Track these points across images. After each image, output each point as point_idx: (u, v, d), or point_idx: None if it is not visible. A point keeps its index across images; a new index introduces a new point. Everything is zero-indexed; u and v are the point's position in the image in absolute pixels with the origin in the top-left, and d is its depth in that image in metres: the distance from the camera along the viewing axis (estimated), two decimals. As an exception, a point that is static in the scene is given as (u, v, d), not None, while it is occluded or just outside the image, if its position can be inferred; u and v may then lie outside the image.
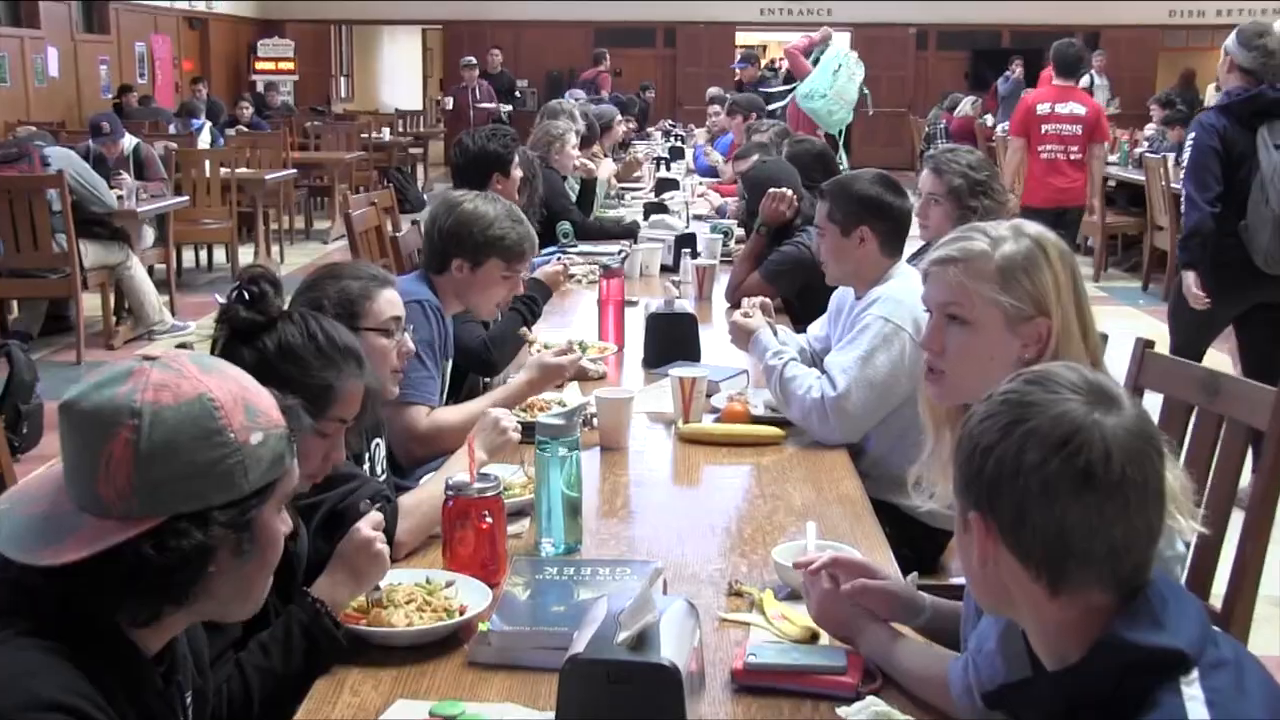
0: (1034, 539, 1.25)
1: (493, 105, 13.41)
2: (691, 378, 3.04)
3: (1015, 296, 1.82)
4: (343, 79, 21.29)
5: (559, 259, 5.07)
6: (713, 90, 12.61)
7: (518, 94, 14.82)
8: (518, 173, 4.51)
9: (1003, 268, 1.83)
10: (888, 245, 3.16)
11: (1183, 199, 4.86)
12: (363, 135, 13.94)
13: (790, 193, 4.53)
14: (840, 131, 8.94)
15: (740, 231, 5.82)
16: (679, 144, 11.48)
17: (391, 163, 14.44)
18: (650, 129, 14.37)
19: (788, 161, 4.90)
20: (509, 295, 3.19)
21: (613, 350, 3.74)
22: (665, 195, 7.46)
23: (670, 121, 15.18)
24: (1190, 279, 4.83)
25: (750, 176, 4.85)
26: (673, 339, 3.65)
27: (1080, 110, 7.55)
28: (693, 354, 3.63)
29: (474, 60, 13.69)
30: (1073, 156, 7.51)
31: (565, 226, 5.75)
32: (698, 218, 6.69)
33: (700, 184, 8.18)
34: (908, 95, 19.71)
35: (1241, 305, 4.87)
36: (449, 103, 15.36)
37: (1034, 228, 1.87)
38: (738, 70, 13.13)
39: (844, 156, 8.58)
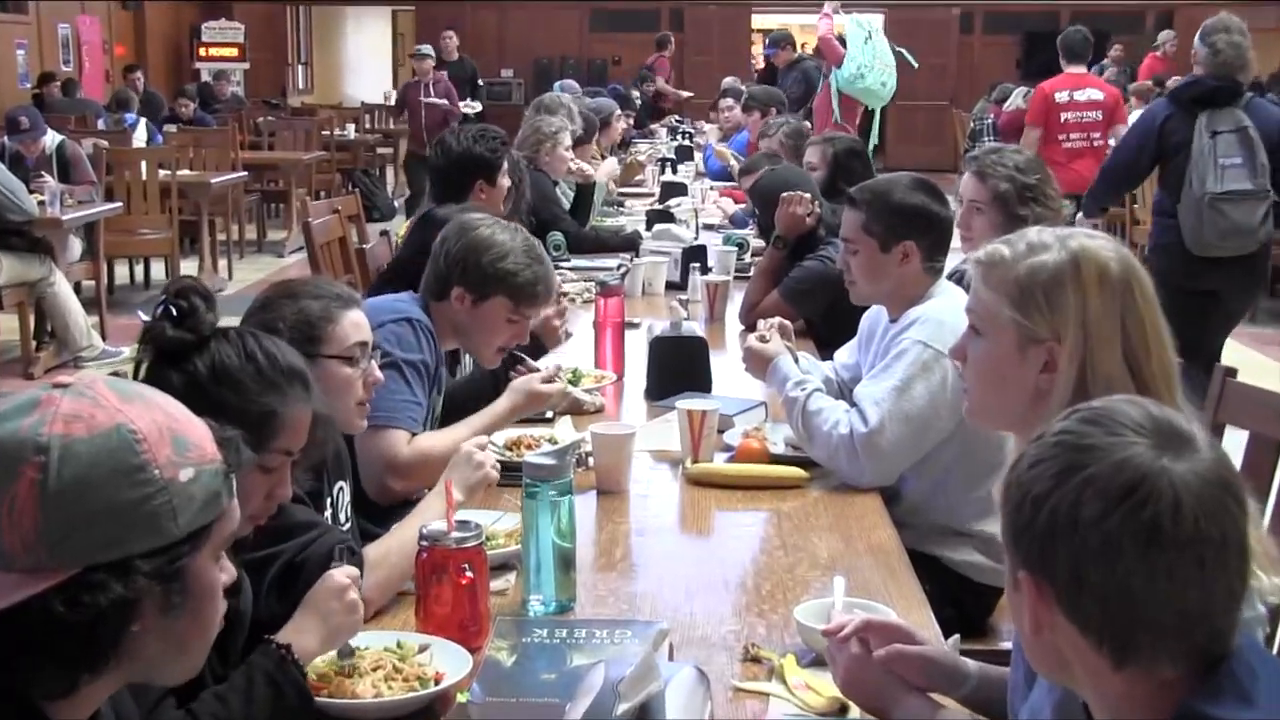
0: (1094, 604, 1.25)
1: (443, 102, 12.80)
2: (701, 411, 3.05)
3: (1026, 314, 1.86)
4: (300, 68, 21.41)
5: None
6: (727, 81, 12.69)
7: (482, 83, 14.18)
8: (505, 181, 4.55)
9: (1022, 280, 1.87)
10: (931, 261, 3.18)
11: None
12: (324, 133, 14.02)
13: (808, 196, 4.56)
14: (875, 112, 9.19)
15: (757, 243, 5.85)
16: (687, 143, 11.53)
17: (357, 164, 14.53)
18: (654, 125, 14.43)
19: (833, 163, 4.96)
20: (511, 343, 3.18)
21: (611, 379, 3.76)
22: (671, 202, 7.51)
23: (676, 118, 15.23)
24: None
25: (759, 188, 4.89)
26: (680, 366, 3.67)
27: (1098, 96, 8.50)
28: (703, 383, 3.65)
29: (428, 50, 13.19)
30: (1095, 143, 8.35)
31: (557, 238, 5.78)
32: (708, 227, 6.72)
33: (711, 188, 8.22)
34: (950, 86, 19.83)
35: (1193, 289, 5.49)
36: (393, 97, 15.18)
37: (1084, 239, 1.89)
38: (766, 57, 13.14)
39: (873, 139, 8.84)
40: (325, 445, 2.09)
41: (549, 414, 3.41)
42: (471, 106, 13.34)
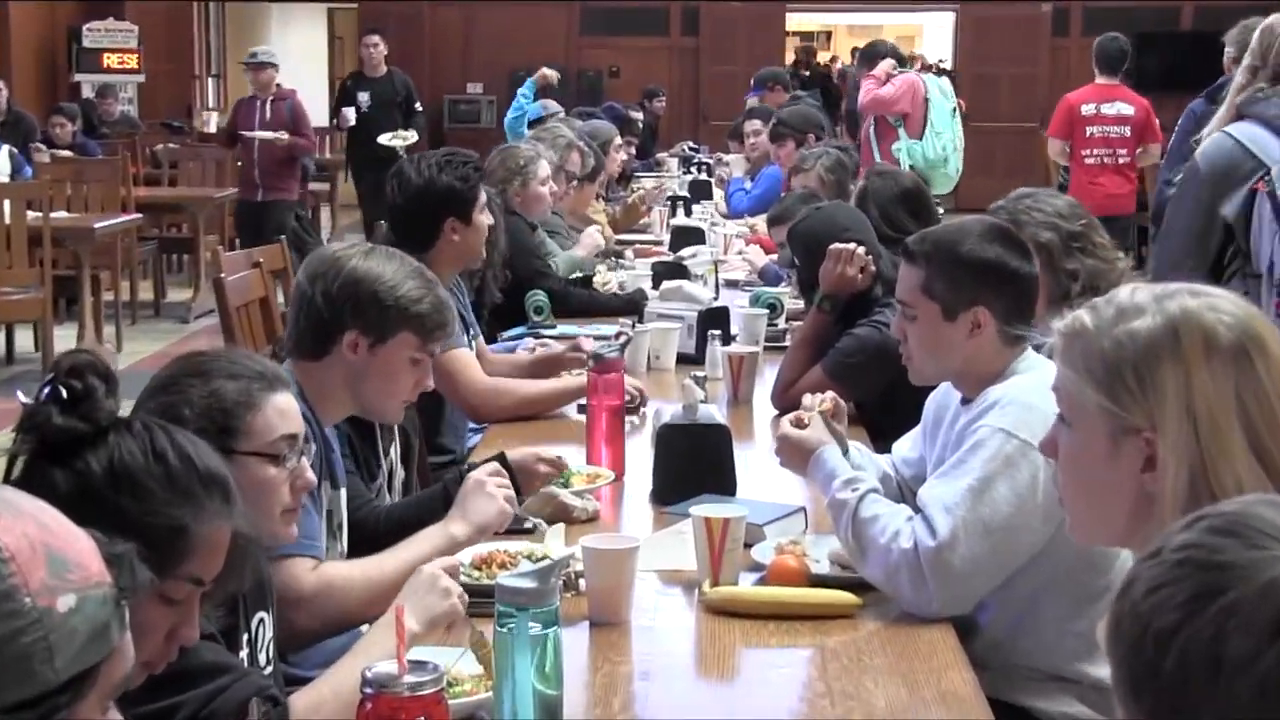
0: None
1: (279, 136, 11.77)
2: (723, 519, 3.06)
3: (1115, 398, 1.88)
4: (211, 80, 21.59)
5: (532, 348, 5.13)
6: (754, 99, 12.74)
7: (419, 107, 13.61)
8: (484, 218, 4.61)
9: (1108, 356, 1.89)
10: (1010, 329, 3.21)
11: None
12: (239, 163, 14.09)
13: (860, 248, 4.59)
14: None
15: (795, 304, 5.89)
16: (704, 177, 11.59)
17: (284, 204, 14.60)
18: (661, 155, 14.52)
19: (855, 206, 4.98)
20: (416, 389, 3.29)
21: (608, 479, 3.78)
22: (684, 252, 7.54)
23: (690, 144, 15.32)
24: None
25: (800, 234, 4.88)
26: (695, 462, 3.69)
27: (1128, 110, 9.64)
28: (725, 484, 3.67)
29: (268, 55, 12.26)
30: (1120, 160, 9.53)
31: (538, 298, 5.81)
32: (731, 284, 6.76)
33: (735, 234, 8.27)
34: (1039, 102, 19.91)
35: None
36: (214, 123, 14.88)
37: (1187, 298, 1.91)
38: (757, 96, 12.19)
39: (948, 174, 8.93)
40: (245, 574, 2.09)
41: (529, 523, 3.43)
42: (402, 137, 12.77)
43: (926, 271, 3.22)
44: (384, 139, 12.72)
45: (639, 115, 14.16)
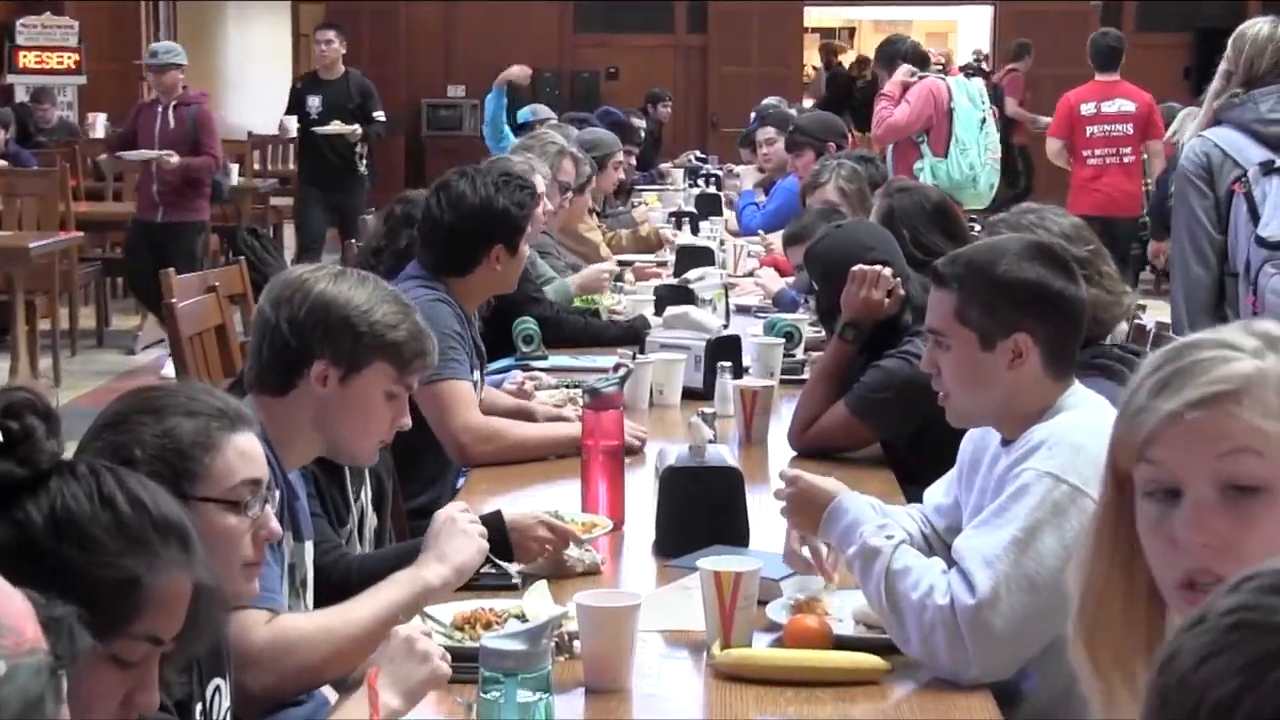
0: None
1: (163, 155, 11.23)
2: (734, 574, 3.06)
3: None
4: (159, 82, 21.62)
5: (521, 383, 5.13)
6: (769, 103, 12.75)
7: (380, 117, 13.06)
8: (526, 250, 4.67)
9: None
10: (1055, 359, 3.22)
11: None
12: (138, 176, 14.07)
13: (887, 270, 4.60)
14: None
15: (814, 333, 5.90)
16: (712, 190, 11.60)
17: (242, 221, 14.58)
18: (664, 166, 14.53)
19: (880, 223, 4.98)
20: (392, 428, 3.30)
21: (606, 528, 3.79)
22: (691, 275, 7.53)
23: (698, 154, 15.35)
24: None
25: (819, 255, 4.89)
26: (704, 509, 3.69)
27: (1129, 106, 10.57)
28: (736, 534, 3.68)
29: (174, 53, 11.74)
30: (1125, 159, 10.35)
31: (527, 326, 5.81)
32: (743, 310, 6.78)
33: (748, 254, 8.28)
34: (1090, 106, 20.03)
35: None
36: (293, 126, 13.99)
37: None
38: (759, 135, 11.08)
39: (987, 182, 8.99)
40: (209, 632, 2.08)
41: (515, 577, 3.44)
42: (343, 128, 12.59)
43: (960, 296, 3.23)
44: (321, 128, 12.60)
45: (640, 122, 14.15)
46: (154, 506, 2.01)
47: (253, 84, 22.50)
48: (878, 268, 4.57)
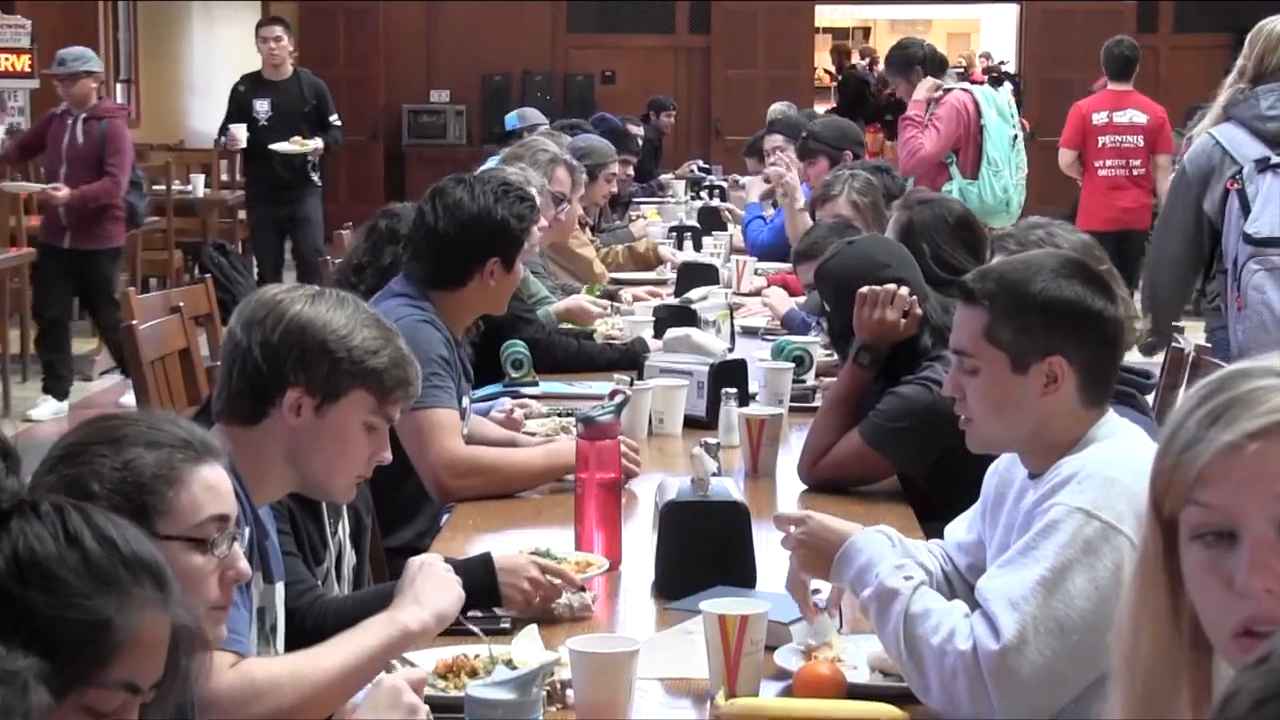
0: None
1: (50, 189, 10.87)
2: (740, 616, 3.07)
3: None
4: (120, 87, 21.64)
5: (510, 411, 5.14)
6: (776, 109, 12.76)
7: (337, 121, 12.74)
8: (521, 268, 4.69)
9: None
10: (1092, 385, 3.21)
11: None
12: (156, 187, 14.14)
13: (903, 290, 4.59)
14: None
15: (826, 357, 5.90)
16: (716, 203, 11.61)
17: (208, 236, 14.60)
18: (664, 177, 14.53)
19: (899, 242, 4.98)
20: (371, 463, 3.29)
21: (601, 568, 3.79)
22: (693, 294, 7.53)
23: (700, 164, 15.34)
24: None
25: (830, 273, 4.88)
26: (707, 548, 3.69)
27: (1141, 118, 11.17)
28: (742, 574, 3.68)
29: (85, 60, 11.26)
30: (1135, 172, 10.97)
31: (516, 350, 5.81)
32: (750, 333, 6.79)
33: (756, 271, 8.28)
34: (1124, 113, 20.06)
35: None
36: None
37: None
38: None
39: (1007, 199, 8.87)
40: (192, 679, 2.06)
41: (504, 620, 3.44)
42: (301, 143, 12.33)
43: (991, 314, 3.22)
44: (279, 146, 12.25)
45: (638, 130, 14.13)
46: (124, 544, 1.99)
47: (219, 88, 22.24)
48: (890, 286, 4.56)
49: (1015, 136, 9.26)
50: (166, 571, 2.02)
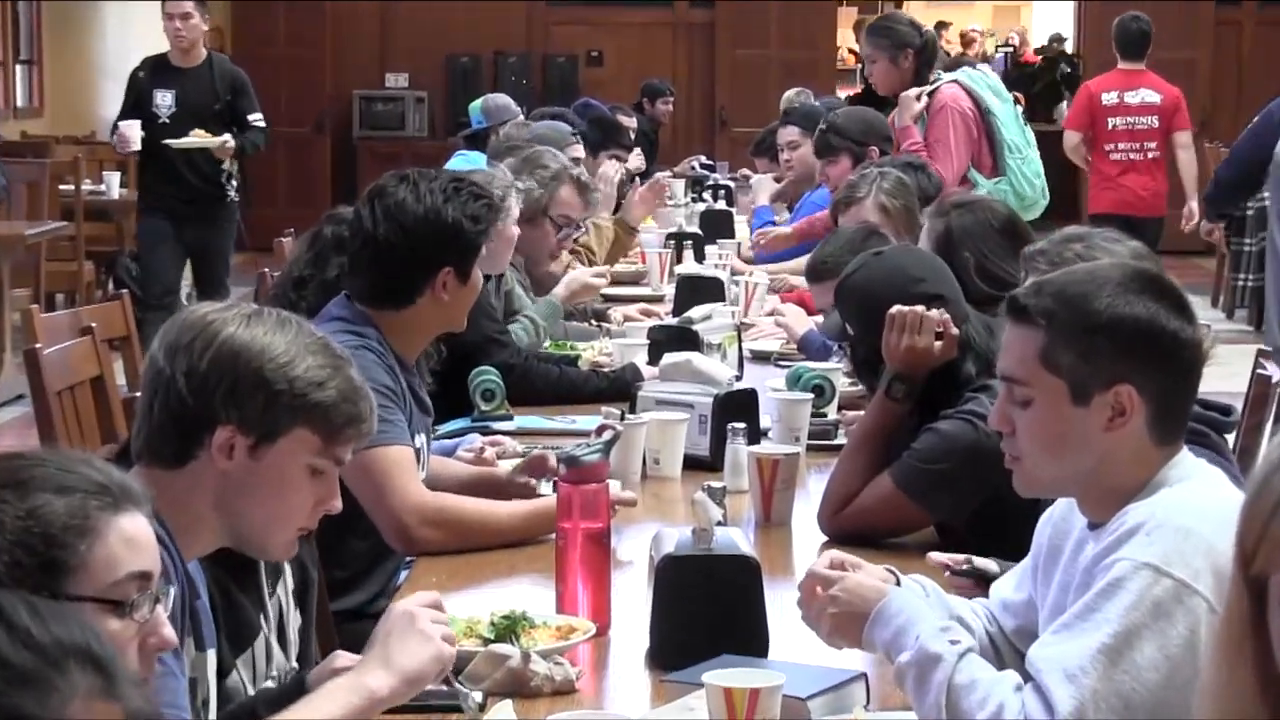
0: None
1: None
2: (750, 690, 3.08)
3: None
4: (20, 69, 21.66)
5: (480, 450, 5.14)
6: (790, 97, 12.76)
7: (258, 121, 11.95)
8: (479, 275, 4.67)
9: None
10: (1164, 420, 3.22)
11: None
12: (63, 186, 14.19)
13: (934, 311, 4.56)
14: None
15: (848, 383, 5.90)
16: (721, 205, 11.61)
17: (124, 245, 14.60)
18: (661, 175, 14.53)
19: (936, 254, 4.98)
20: (316, 513, 3.28)
21: (587, 634, 3.79)
22: (695, 313, 7.53)
23: (702, 160, 15.35)
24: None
25: (853, 290, 4.86)
26: (711, 609, 3.70)
27: (1154, 98, 11.85)
28: (752, 640, 3.68)
29: None
30: (1150, 155, 11.65)
31: (487, 378, 5.80)
32: (760, 358, 6.80)
33: (766, 282, 8.29)
34: (1198, 99, 20.03)
35: None
36: None
37: None
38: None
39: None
40: None
41: (478, 697, 3.44)
42: (206, 139, 11.55)
43: (1048, 335, 3.21)
44: (176, 141, 11.50)
45: (631, 120, 14.12)
46: (41, 630, 1.95)
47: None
48: (918, 308, 4.52)
49: (1020, 110, 9.13)
50: (104, 652, 1.99)
